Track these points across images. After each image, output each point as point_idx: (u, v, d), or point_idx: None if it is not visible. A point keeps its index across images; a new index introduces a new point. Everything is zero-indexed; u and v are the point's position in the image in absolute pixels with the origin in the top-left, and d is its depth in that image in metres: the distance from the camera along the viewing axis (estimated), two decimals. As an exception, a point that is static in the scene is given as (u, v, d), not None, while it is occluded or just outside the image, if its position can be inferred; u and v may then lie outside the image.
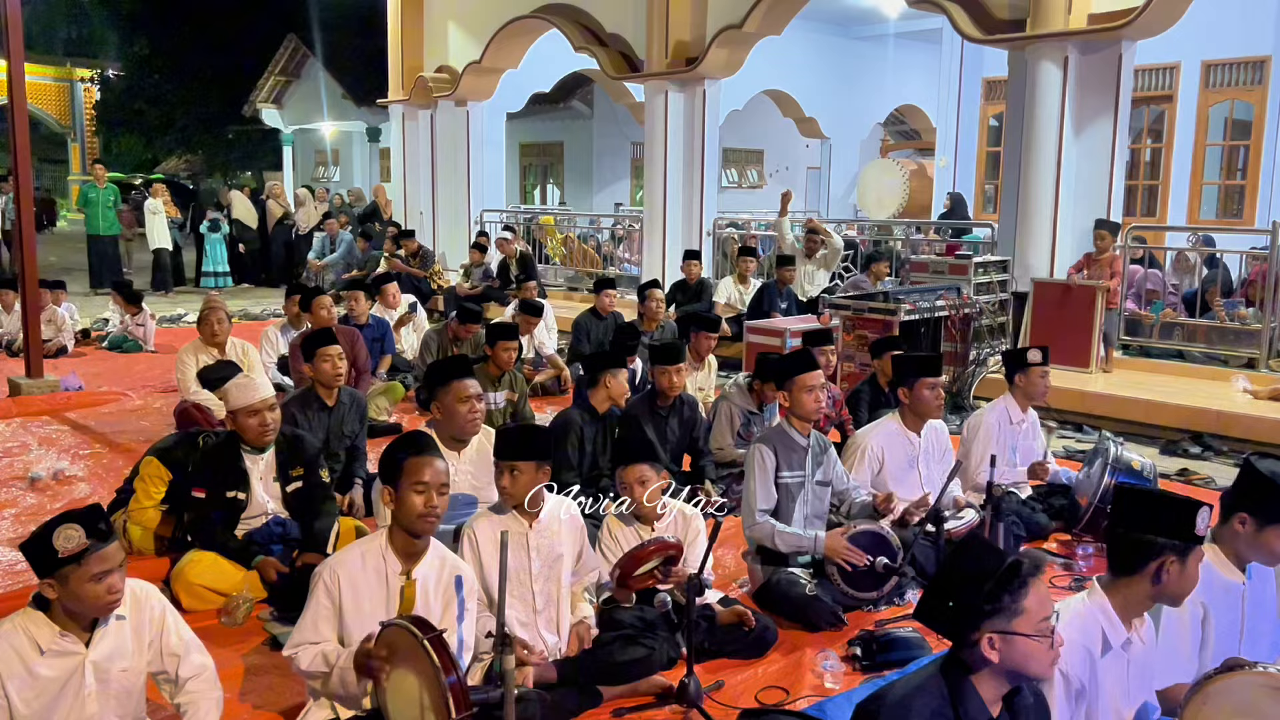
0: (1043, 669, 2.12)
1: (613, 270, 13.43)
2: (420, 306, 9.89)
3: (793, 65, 17.32)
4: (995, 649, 2.10)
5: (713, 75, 11.73)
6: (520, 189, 23.29)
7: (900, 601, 4.26)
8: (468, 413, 4.10)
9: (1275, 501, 2.78)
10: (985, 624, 2.10)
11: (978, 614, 2.12)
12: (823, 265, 9.97)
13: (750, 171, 22.51)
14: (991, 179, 15.35)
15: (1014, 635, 2.07)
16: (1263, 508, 2.80)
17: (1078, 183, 8.60)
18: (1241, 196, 13.03)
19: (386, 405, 7.52)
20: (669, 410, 5.33)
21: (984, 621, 2.11)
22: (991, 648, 2.10)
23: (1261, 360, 8.10)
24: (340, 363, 5.25)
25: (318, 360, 5.21)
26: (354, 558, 3.02)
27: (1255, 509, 2.81)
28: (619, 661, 3.38)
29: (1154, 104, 13.38)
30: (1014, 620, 2.07)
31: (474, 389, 4.14)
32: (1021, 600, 2.07)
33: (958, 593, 2.18)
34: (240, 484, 4.14)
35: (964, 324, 8.26)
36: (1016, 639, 2.08)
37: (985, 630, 2.10)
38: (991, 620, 2.10)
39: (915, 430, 4.79)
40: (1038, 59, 8.54)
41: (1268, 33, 12.25)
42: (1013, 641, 2.08)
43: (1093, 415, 7.62)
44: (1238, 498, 2.90)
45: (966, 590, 2.15)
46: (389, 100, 16.31)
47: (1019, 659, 2.09)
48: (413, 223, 15.53)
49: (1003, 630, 2.08)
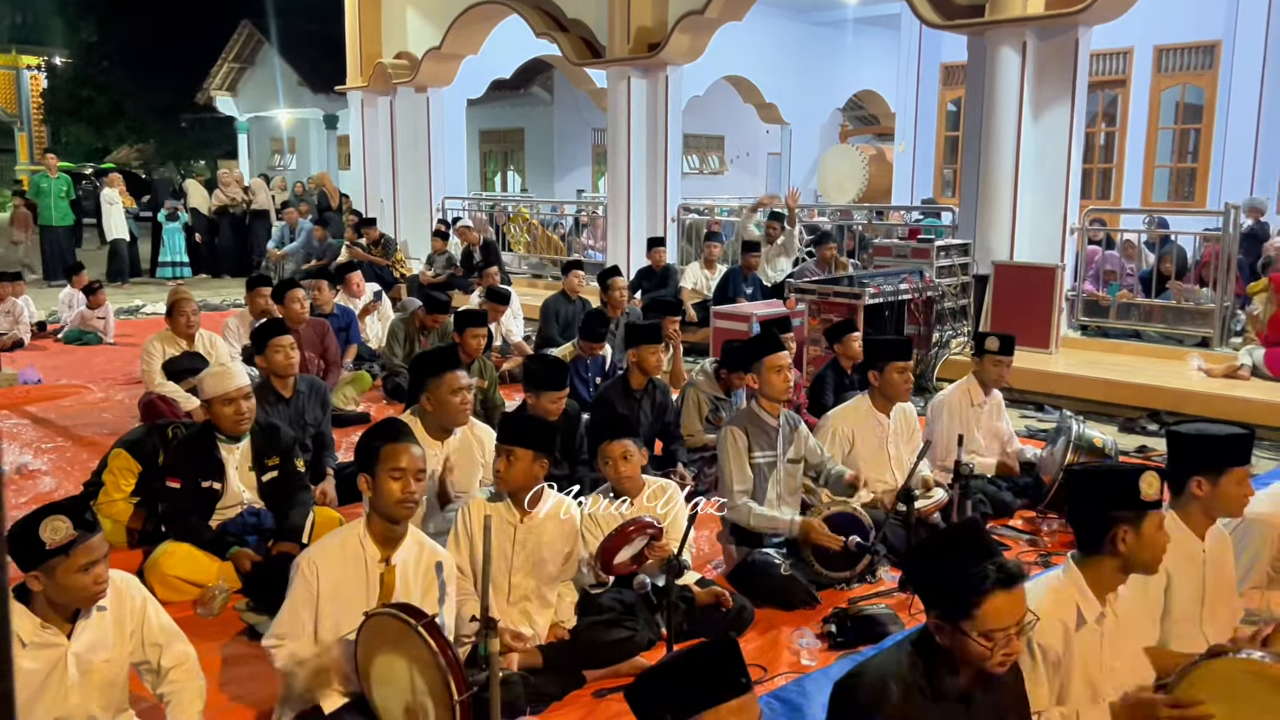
0: (987, 667, 2.16)
1: (576, 257, 13.41)
2: (385, 295, 9.84)
3: (753, 51, 17.38)
4: (941, 634, 2.17)
5: (675, 61, 11.74)
6: (480, 176, 23.17)
7: (872, 579, 4.34)
8: (459, 403, 4.10)
9: (1215, 452, 2.97)
10: (934, 611, 2.19)
11: (931, 599, 2.22)
12: (783, 252, 10.06)
13: (711, 157, 22.57)
14: (950, 163, 15.52)
15: (956, 631, 2.14)
16: (1208, 462, 2.96)
17: (1037, 166, 8.73)
18: (1193, 179, 13.30)
19: (354, 395, 7.48)
20: (642, 394, 5.37)
21: (935, 609, 2.20)
22: (938, 632, 2.18)
23: (1215, 339, 8.30)
24: (292, 353, 5.21)
25: (269, 351, 5.17)
26: (333, 546, 3.02)
27: (1203, 467, 2.96)
28: (601, 644, 3.42)
29: (1108, 88, 13.60)
30: (961, 619, 2.12)
31: (465, 380, 4.15)
32: (976, 607, 2.11)
33: (925, 572, 2.28)
34: (216, 474, 4.11)
35: (926, 307, 8.37)
36: (958, 634, 2.13)
37: (933, 617, 2.19)
38: (942, 610, 2.17)
39: (884, 412, 4.86)
40: (997, 44, 8.65)
41: (1218, 17, 12.49)
42: (955, 635, 2.14)
43: (1053, 395, 7.76)
44: (1182, 466, 3.03)
45: (932, 573, 2.24)
46: (347, 87, 16.14)
47: (961, 651, 2.15)
48: (373, 211, 15.41)
49: (948, 622, 2.15)
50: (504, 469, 3.34)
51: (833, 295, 7.79)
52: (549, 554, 3.46)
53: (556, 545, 3.48)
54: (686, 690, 1.85)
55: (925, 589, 2.28)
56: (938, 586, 2.20)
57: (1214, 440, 3.04)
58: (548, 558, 3.46)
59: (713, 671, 1.87)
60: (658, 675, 1.93)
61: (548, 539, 3.45)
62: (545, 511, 3.45)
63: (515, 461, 3.32)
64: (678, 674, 1.88)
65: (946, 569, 2.18)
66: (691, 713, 1.83)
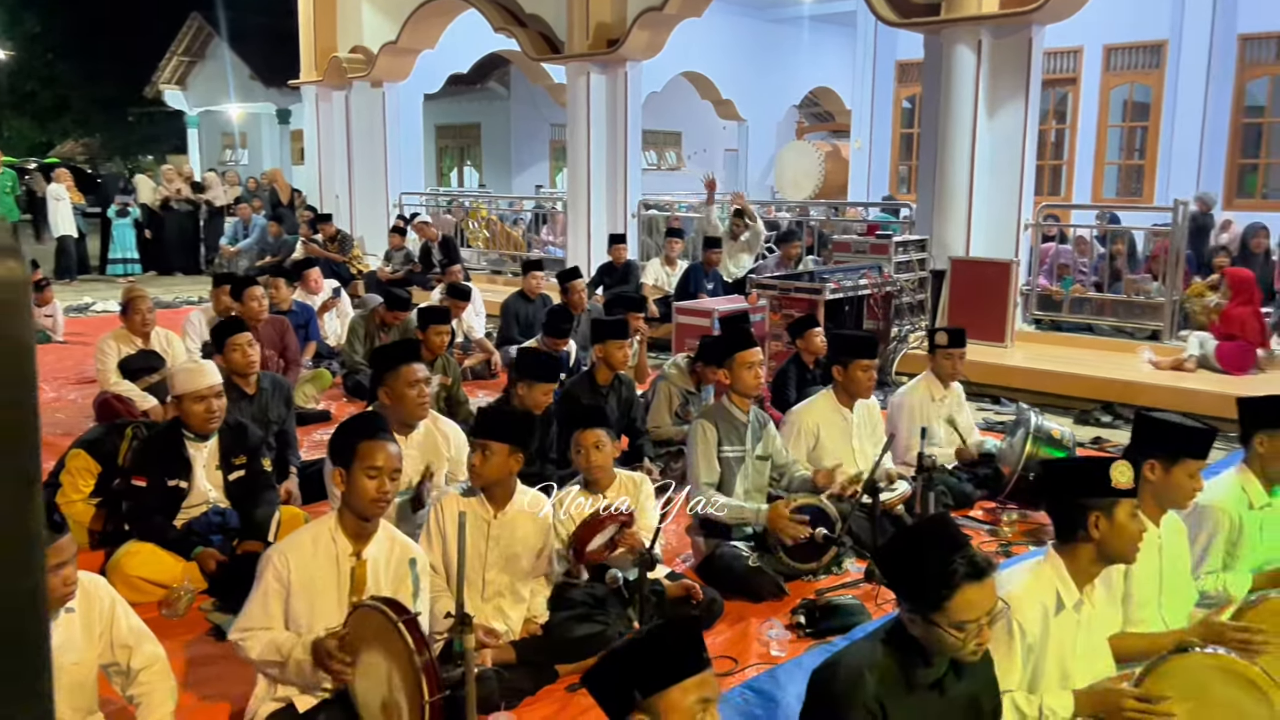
0: (959, 657, 2.22)
1: (536, 253, 13.39)
2: (344, 291, 9.75)
3: (710, 48, 17.44)
4: (914, 626, 2.22)
5: (634, 57, 11.74)
6: (437, 171, 23.00)
7: (838, 570, 4.39)
8: (416, 396, 4.09)
9: (1175, 439, 3.09)
10: (906, 604, 2.24)
11: (903, 592, 2.27)
12: (746, 248, 10.12)
13: (669, 153, 22.63)
14: (905, 160, 15.72)
15: (928, 623, 2.19)
16: (1165, 448, 3.07)
17: (992, 163, 8.86)
18: (1141, 175, 13.59)
19: (313, 393, 7.41)
20: (609, 389, 5.39)
21: (907, 602, 2.25)
22: (911, 625, 2.23)
23: (1165, 332, 8.49)
24: (251, 350, 5.15)
25: (228, 350, 5.10)
26: (304, 541, 3.00)
27: (1159, 451, 3.06)
28: (573, 638, 3.43)
29: (1059, 86, 13.84)
30: (932, 611, 2.17)
31: (422, 373, 4.14)
32: (947, 599, 2.16)
33: (897, 566, 2.33)
34: (182, 472, 4.06)
35: (885, 302, 8.47)
36: (930, 625, 2.19)
37: (905, 610, 2.25)
38: (914, 603, 2.22)
39: (848, 406, 4.92)
40: (952, 42, 8.76)
41: (1164, 18, 12.77)
42: (928, 627, 2.19)
43: (1009, 387, 7.89)
44: (1141, 448, 3.13)
45: (904, 567, 2.29)
46: (301, 81, 15.95)
47: (933, 642, 2.20)
48: (329, 206, 15.24)
49: (920, 614, 2.20)
50: (479, 463, 3.33)
51: (794, 291, 7.86)
52: (523, 549, 3.46)
53: (530, 541, 3.48)
54: (648, 669, 1.90)
55: (897, 583, 2.34)
56: (909, 580, 2.25)
57: (1176, 428, 3.15)
58: (521, 553, 3.46)
59: (673, 649, 1.92)
60: (619, 656, 1.97)
61: (521, 534, 3.46)
62: (518, 506, 3.45)
63: (491, 456, 3.32)
64: (639, 654, 1.93)
65: (917, 563, 2.23)
66: (654, 690, 1.88)
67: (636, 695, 1.89)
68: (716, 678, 2.00)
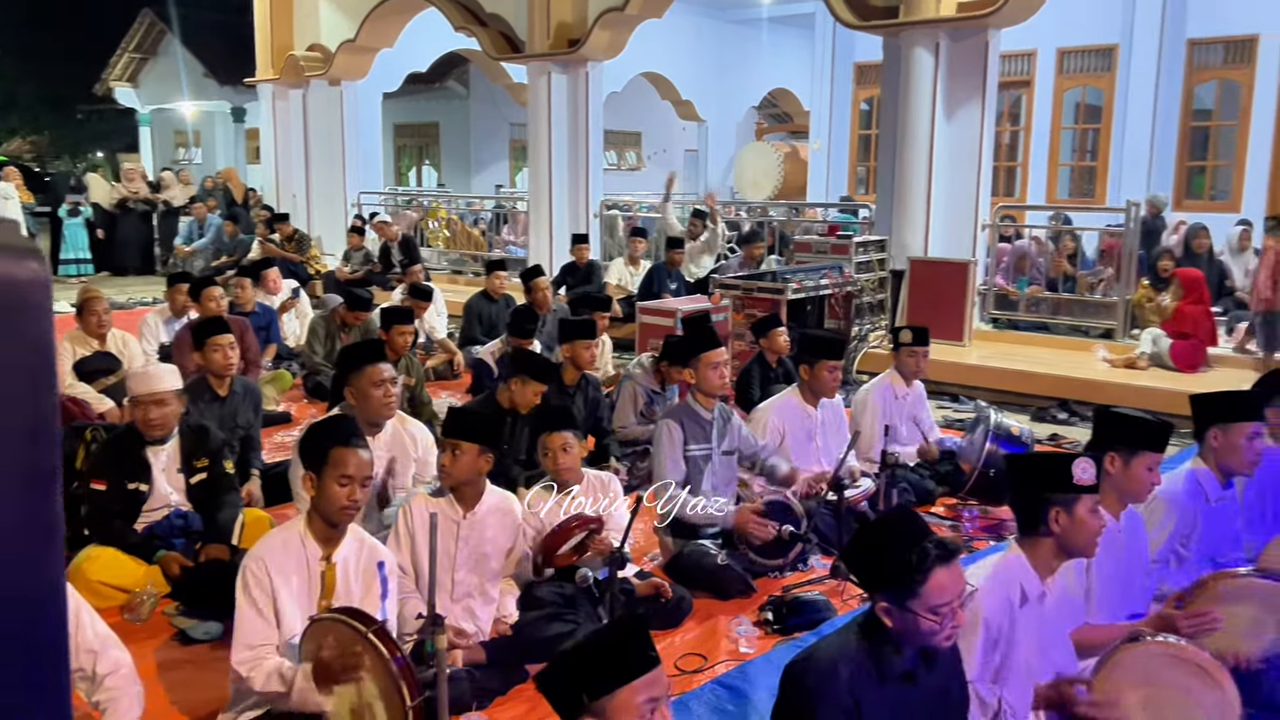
0: (936, 641, 2.25)
1: (497, 253, 13.34)
2: (303, 292, 9.65)
3: (670, 48, 17.47)
4: (890, 617, 2.25)
5: (596, 57, 11.75)
6: (395, 170, 22.83)
7: (804, 567, 4.44)
8: (382, 396, 4.06)
9: (1134, 433, 3.15)
10: (880, 595, 2.27)
11: (876, 584, 2.31)
12: (707, 249, 10.16)
13: (629, 154, 22.64)
14: (863, 161, 15.86)
15: (905, 611, 2.22)
16: (1125, 441, 3.13)
17: (950, 165, 8.98)
18: (1093, 177, 13.83)
19: (274, 394, 7.33)
20: (575, 389, 5.39)
21: (880, 592, 2.28)
22: (887, 615, 2.25)
23: (1119, 331, 8.66)
24: (232, 352, 5.10)
25: (208, 350, 5.05)
26: (275, 545, 2.98)
27: (1120, 445, 3.12)
28: (543, 638, 3.42)
29: (1013, 89, 14.03)
30: (908, 598, 2.21)
31: (388, 373, 4.10)
32: (920, 584, 2.20)
33: (866, 559, 2.36)
34: (142, 475, 4.01)
35: (846, 301, 8.56)
36: (906, 613, 2.22)
37: (880, 600, 2.27)
38: (887, 593, 2.25)
39: (813, 405, 4.98)
40: (911, 45, 8.87)
41: (1115, 22, 13.00)
42: (904, 615, 2.23)
43: (967, 385, 8.01)
44: (1102, 441, 3.20)
45: (873, 559, 2.32)
46: (257, 80, 15.74)
47: (910, 631, 2.24)
48: (286, 206, 15.05)
49: (895, 604, 2.23)
50: (449, 463, 3.32)
51: (756, 291, 7.91)
52: (492, 550, 3.46)
53: (499, 541, 3.48)
54: (595, 671, 1.91)
55: (870, 576, 2.36)
56: (882, 571, 2.28)
57: (1136, 422, 3.21)
58: (491, 554, 3.46)
59: (619, 651, 1.93)
60: (567, 659, 1.98)
61: (491, 535, 3.45)
62: (488, 505, 3.44)
63: (461, 455, 3.31)
64: (586, 657, 1.94)
65: (888, 554, 2.27)
66: (605, 691, 1.89)
67: (584, 699, 1.90)
68: (666, 676, 2.01)
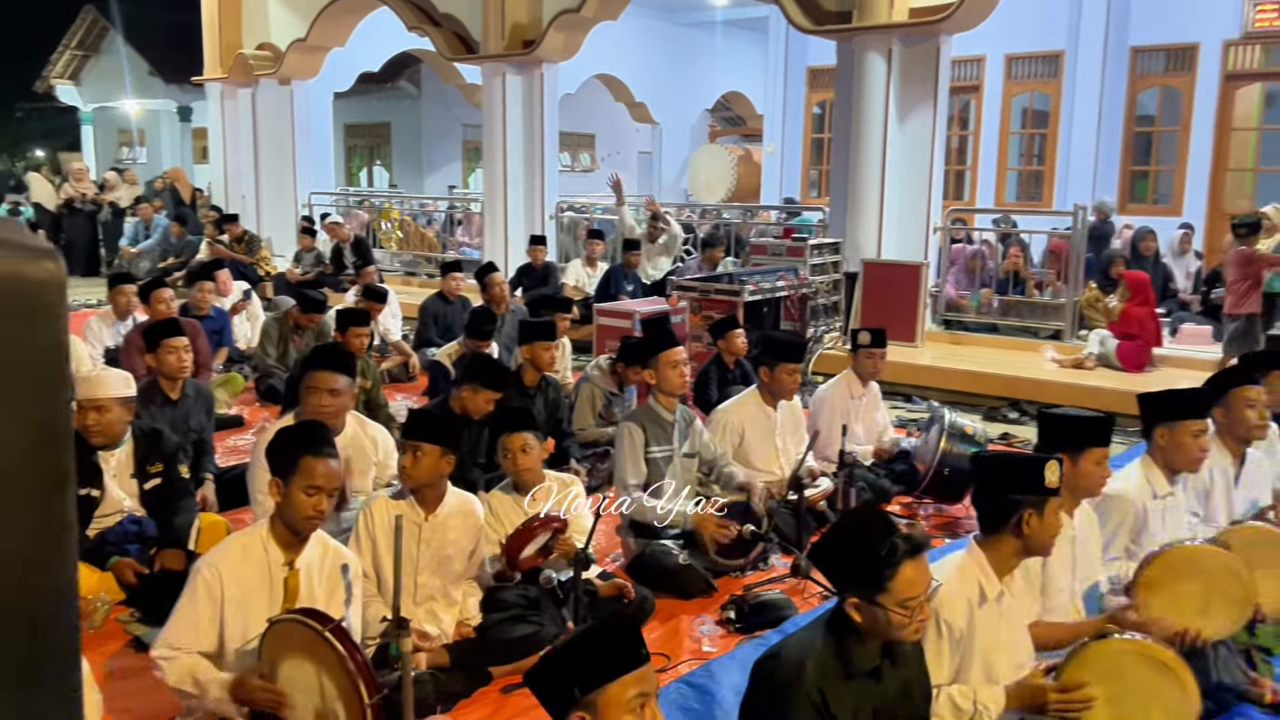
0: (905, 636, 2.30)
1: (452, 254, 13.26)
2: (254, 294, 9.52)
3: (623, 50, 17.49)
4: (859, 612, 2.29)
5: (550, 59, 11.73)
6: (346, 171, 22.59)
7: (765, 566, 4.48)
8: (316, 404, 3.98)
9: (1078, 431, 3.22)
10: (849, 590, 2.31)
11: (845, 580, 2.34)
12: (664, 251, 10.19)
13: (582, 155, 22.63)
14: (816, 164, 16.00)
15: (874, 605, 2.26)
16: (1071, 440, 3.19)
17: (902, 168, 9.09)
18: (1039, 181, 14.10)
19: (226, 398, 7.22)
20: (536, 390, 5.38)
21: (849, 588, 2.31)
22: (856, 611, 2.29)
23: (1067, 332, 8.84)
24: (186, 355, 5.02)
25: (162, 352, 4.96)
26: (234, 551, 2.94)
27: (1066, 444, 3.17)
28: (507, 640, 3.42)
29: (962, 94, 14.25)
30: (877, 593, 2.25)
31: (339, 382, 4.04)
32: (889, 579, 2.23)
33: (835, 556, 2.40)
34: (92, 480, 3.92)
35: (802, 303, 8.63)
36: (876, 608, 2.26)
37: (849, 595, 2.31)
38: (856, 589, 2.29)
39: (772, 406, 5.02)
40: (864, 50, 8.97)
41: (1061, 29, 13.27)
42: (873, 610, 2.26)
43: (920, 386, 8.12)
44: (1048, 444, 3.25)
45: (843, 555, 2.36)
46: (205, 78, 15.48)
47: (880, 626, 2.27)
48: (235, 207, 14.82)
49: (864, 599, 2.27)
50: (410, 465, 3.31)
51: (714, 292, 7.95)
52: (454, 552, 3.45)
53: (462, 543, 3.47)
54: (587, 666, 1.93)
55: (839, 573, 2.40)
56: (851, 568, 2.32)
57: (1078, 421, 3.29)
58: (453, 555, 3.44)
59: (611, 646, 1.95)
60: (560, 654, 2.00)
61: (453, 537, 3.44)
62: (449, 507, 3.43)
63: (422, 457, 3.29)
64: (578, 652, 1.96)
65: (857, 550, 2.30)
66: (595, 686, 1.91)
67: (576, 692, 1.92)
68: (655, 675, 2.04)
